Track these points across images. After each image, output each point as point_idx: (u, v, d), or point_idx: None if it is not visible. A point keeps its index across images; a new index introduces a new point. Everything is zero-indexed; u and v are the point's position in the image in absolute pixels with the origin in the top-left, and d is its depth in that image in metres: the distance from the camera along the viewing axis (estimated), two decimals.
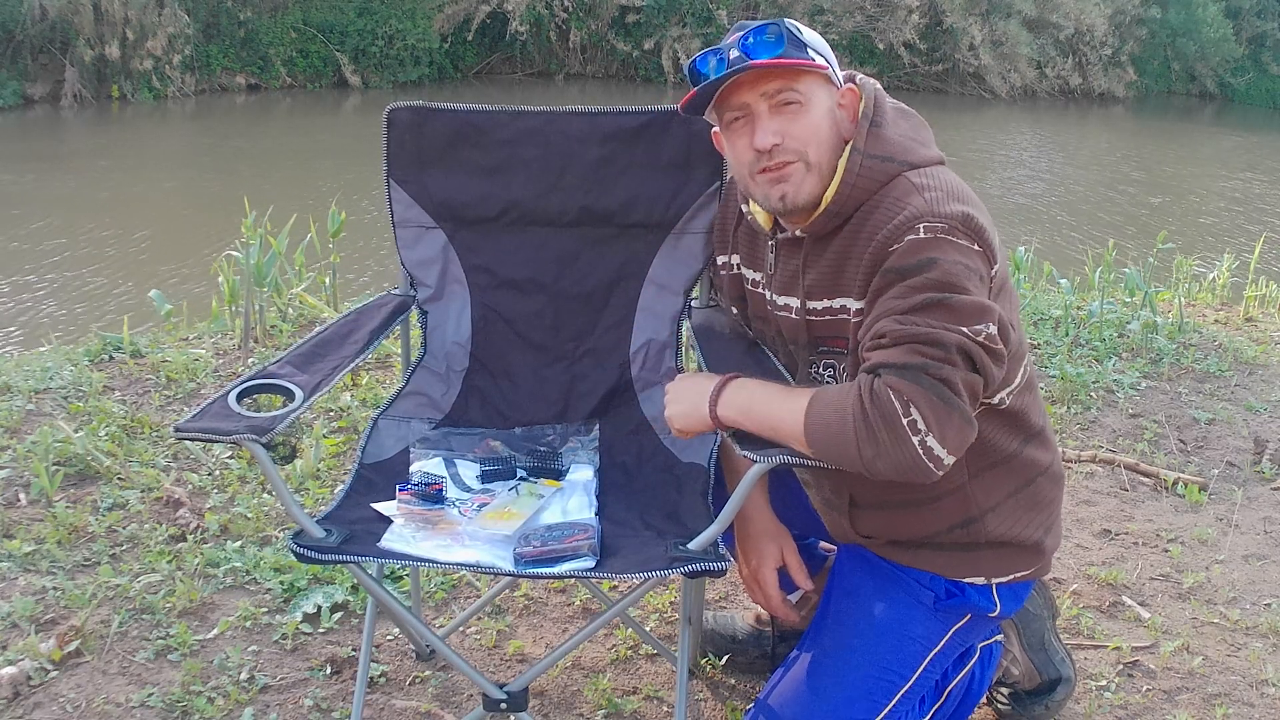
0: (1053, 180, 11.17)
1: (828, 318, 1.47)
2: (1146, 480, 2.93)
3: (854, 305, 1.42)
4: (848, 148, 1.43)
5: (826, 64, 1.44)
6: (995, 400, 1.46)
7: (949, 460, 1.30)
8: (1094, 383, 3.50)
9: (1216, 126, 17.17)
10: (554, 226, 1.85)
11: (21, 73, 11.68)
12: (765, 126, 1.41)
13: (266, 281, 3.69)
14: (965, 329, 1.30)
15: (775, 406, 1.39)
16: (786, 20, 1.44)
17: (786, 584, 1.66)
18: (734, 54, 1.40)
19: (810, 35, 1.45)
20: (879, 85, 1.50)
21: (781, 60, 1.39)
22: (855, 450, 1.30)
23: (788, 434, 1.36)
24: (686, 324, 1.86)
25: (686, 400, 1.49)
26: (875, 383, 1.29)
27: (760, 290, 1.61)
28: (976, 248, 1.34)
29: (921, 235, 1.32)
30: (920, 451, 1.27)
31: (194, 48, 12.76)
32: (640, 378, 1.87)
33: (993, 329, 1.32)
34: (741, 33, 1.41)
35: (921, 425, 1.27)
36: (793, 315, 1.53)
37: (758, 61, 1.38)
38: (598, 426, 1.82)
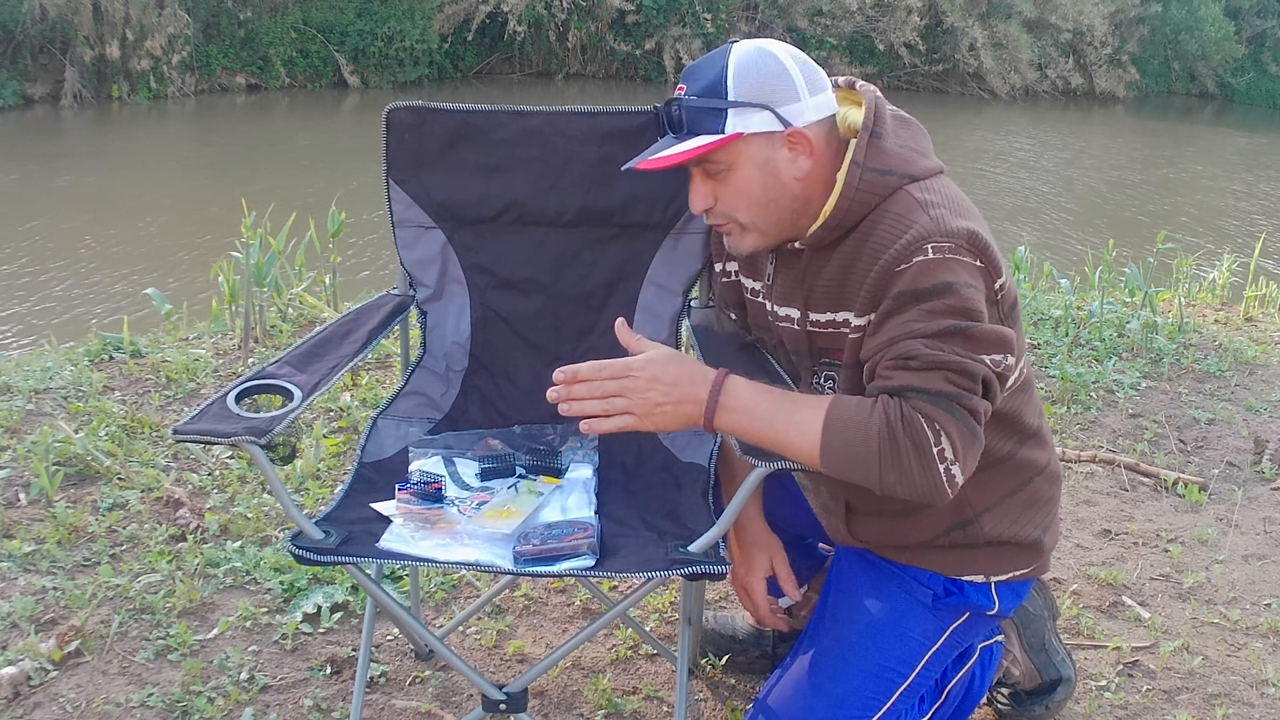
0: (1053, 180, 11.17)
1: (830, 330, 1.46)
2: (1146, 480, 2.93)
3: (854, 320, 1.40)
4: (847, 160, 1.40)
5: (763, 111, 1.36)
6: None
7: (962, 485, 1.31)
8: (1094, 383, 3.50)
9: (1219, 126, 17.16)
10: (553, 226, 1.85)
11: (21, 73, 11.67)
12: (696, 190, 1.44)
13: (266, 281, 3.69)
14: (987, 359, 1.30)
15: (782, 422, 1.35)
16: (708, 72, 1.38)
17: (777, 590, 1.66)
18: (675, 110, 1.39)
19: (747, 80, 1.37)
20: (879, 92, 1.47)
21: (663, 159, 1.38)
22: (876, 472, 1.29)
23: (798, 451, 1.33)
24: (686, 324, 1.86)
25: (677, 409, 1.35)
26: (905, 407, 1.28)
27: (760, 299, 1.60)
28: (980, 264, 1.33)
29: (930, 256, 1.31)
30: (944, 479, 1.28)
31: (194, 48, 12.75)
32: None
33: (1010, 360, 1.33)
34: (682, 87, 1.40)
35: (950, 454, 1.28)
36: (794, 326, 1.52)
37: (641, 164, 1.41)
38: None
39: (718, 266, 1.71)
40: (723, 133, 1.38)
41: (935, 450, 1.27)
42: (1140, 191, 10.86)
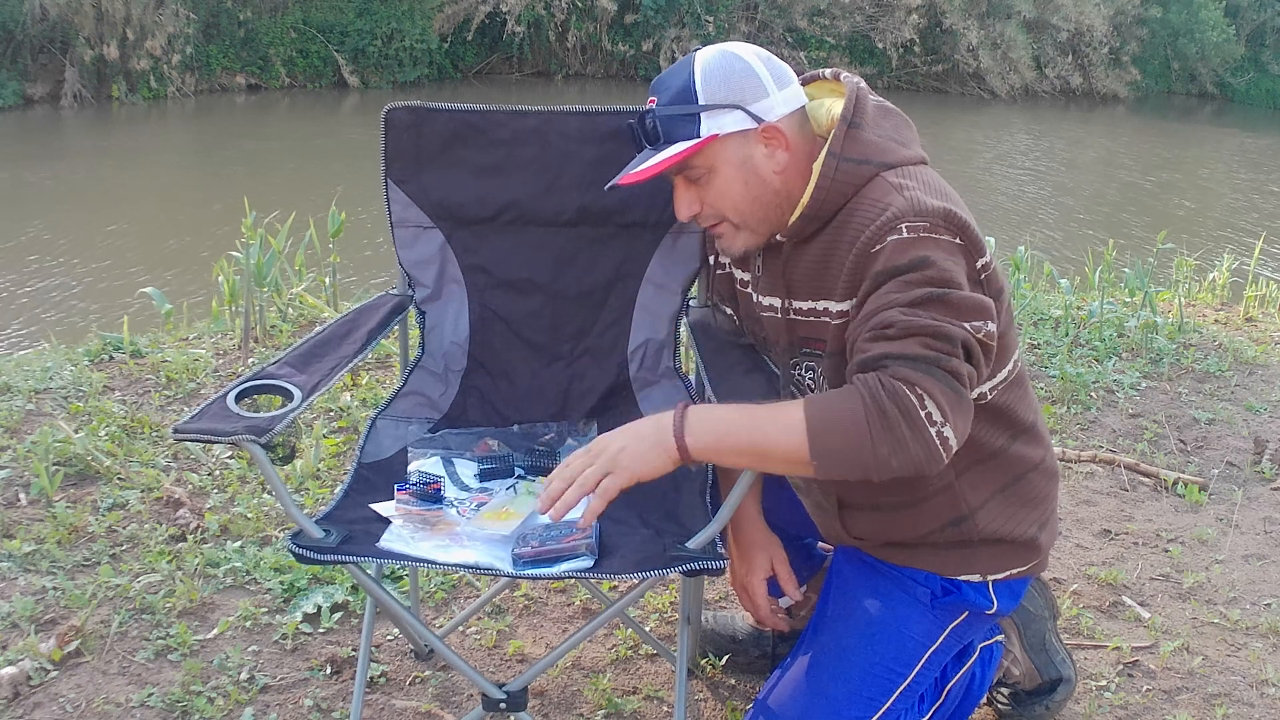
0: (1053, 180, 11.17)
1: (811, 319, 1.47)
2: (1146, 480, 2.93)
3: (835, 307, 1.41)
4: (823, 152, 1.41)
5: (734, 110, 1.39)
6: (977, 395, 1.45)
7: (956, 448, 1.29)
8: (1094, 383, 3.50)
9: (1219, 126, 17.16)
10: (552, 226, 1.85)
11: (21, 73, 11.68)
12: (681, 199, 1.46)
13: (266, 281, 3.70)
14: (967, 325, 1.30)
15: (761, 427, 1.32)
16: (676, 80, 1.41)
17: (777, 589, 1.66)
18: (649, 121, 1.42)
19: (714, 82, 1.40)
20: (861, 82, 1.48)
21: (642, 173, 1.41)
22: (869, 451, 1.26)
23: (784, 452, 1.30)
24: (684, 323, 1.86)
25: (644, 441, 1.33)
26: (884, 377, 1.27)
27: (748, 290, 1.61)
28: (959, 241, 1.33)
29: (905, 235, 1.31)
30: (937, 442, 1.26)
31: (194, 48, 12.76)
32: (638, 377, 1.87)
33: (992, 327, 1.32)
34: (653, 100, 1.43)
35: (937, 416, 1.26)
36: (777, 315, 1.53)
37: (623, 179, 1.44)
38: (595, 425, 1.82)
39: (712, 259, 1.72)
40: (698, 137, 1.40)
41: (923, 414, 1.25)
42: (1141, 191, 10.86)
